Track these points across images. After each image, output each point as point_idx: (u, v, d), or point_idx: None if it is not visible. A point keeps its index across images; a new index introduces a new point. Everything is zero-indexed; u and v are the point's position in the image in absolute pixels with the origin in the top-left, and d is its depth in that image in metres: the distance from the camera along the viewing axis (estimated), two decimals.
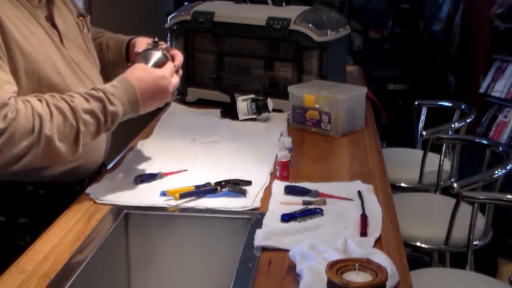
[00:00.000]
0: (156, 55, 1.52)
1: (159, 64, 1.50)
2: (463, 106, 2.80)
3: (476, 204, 1.95)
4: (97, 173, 1.61)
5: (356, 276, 0.97)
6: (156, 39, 1.58)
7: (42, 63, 1.35)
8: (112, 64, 1.76)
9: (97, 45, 1.74)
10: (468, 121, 2.61)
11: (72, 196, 1.47)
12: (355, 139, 1.98)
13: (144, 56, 1.52)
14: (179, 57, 1.58)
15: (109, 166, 1.68)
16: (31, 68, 1.33)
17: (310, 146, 1.92)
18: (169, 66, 1.51)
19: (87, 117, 1.32)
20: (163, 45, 1.58)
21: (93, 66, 1.57)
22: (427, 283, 1.78)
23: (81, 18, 1.59)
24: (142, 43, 1.67)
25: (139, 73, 1.44)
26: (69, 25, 1.52)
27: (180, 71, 1.60)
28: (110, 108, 1.35)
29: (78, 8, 1.66)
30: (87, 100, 1.33)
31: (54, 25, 1.45)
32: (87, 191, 1.50)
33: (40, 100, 1.28)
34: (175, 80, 1.52)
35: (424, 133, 2.50)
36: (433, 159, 2.53)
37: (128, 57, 1.73)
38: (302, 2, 3.92)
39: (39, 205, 1.45)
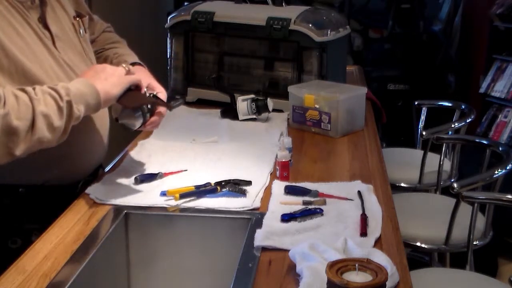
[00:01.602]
0: (133, 121, 1.47)
1: (128, 126, 1.48)
2: (463, 106, 2.80)
3: (476, 204, 1.95)
4: (93, 175, 1.60)
5: (356, 276, 0.97)
6: (156, 94, 1.52)
7: (29, 66, 1.33)
8: None
9: (103, 59, 1.71)
10: (468, 121, 2.61)
11: (65, 199, 1.46)
12: (355, 139, 1.98)
13: (127, 112, 1.47)
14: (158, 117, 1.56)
15: (109, 166, 1.68)
16: (15, 70, 1.30)
17: (310, 146, 1.92)
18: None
19: (39, 94, 1.26)
20: (158, 103, 1.53)
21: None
22: (427, 283, 1.78)
23: (78, 19, 1.56)
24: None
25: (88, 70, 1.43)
26: (64, 26, 1.49)
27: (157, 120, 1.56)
28: (56, 86, 1.30)
29: (82, 7, 1.63)
30: (33, 88, 1.28)
31: (46, 27, 1.43)
32: (87, 191, 1.50)
33: None
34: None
35: (424, 133, 2.50)
36: (433, 159, 2.53)
37: None
38: (302, 2, 3.92)
39: (31, 208, 1.44)
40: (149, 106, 1.49)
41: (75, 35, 1.54)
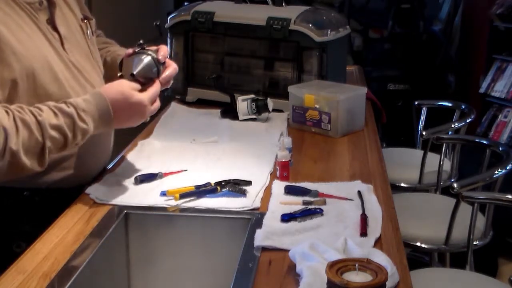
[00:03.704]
0: (144, 61, 1.43)
1: (146, 72, 1.43)
2: (463, 106, 2.80)
3: (476, 204, 1.95)
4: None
5: (356, 276, 0.98)
6: (141, 41, 1.48)
7: (38, 68, 1.33)
8: (110, 79, 1.71)
9: None
10: (468, 121, 2.61)
11: (70, 202, 1.45)
12: (355, 139, 1.98)
13: (131, 62, 1.43)
14: (172, 67, 1.51)
15: (109, 166, 1.68)
16: (26, 73, 1.30)
17: (310, 146, 1.92)
18: (152, 91, 1.42)
19: (53, 133, 1.27)
20: (152, 47, 1.49)
21: (96, 71, 1.54)
22: (427, 283, 1.78)
23: (85, 21, 1.56)
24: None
25: (116, 94, 1.37)
26: (71, 28, 1.49)
27: (174, 66, 1.52)
28: (80, 125, 1.30)
29: (86, 10, 1.63)
30: (55, 114, 1.28)
31: (55, 29, 1.43)
32: (87, 191, 1.50)
33: (7, 113, 1.23)
34: (154, 106, 1.44)
35: (424, 133, 2.50)
36: (433, 159, 2.53)
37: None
38: (302, 2, 3.93)
39: (36, 211, 1.44)
40: (154, 59, 1.46)
41: (82, 37, 1.54)
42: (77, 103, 1.32)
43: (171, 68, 1.52)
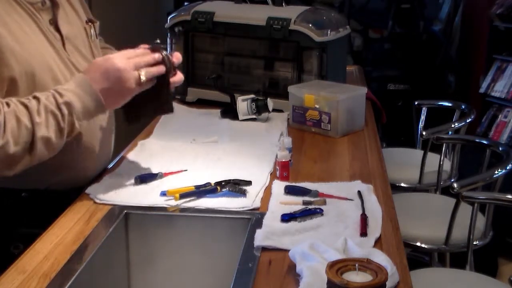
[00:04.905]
0: (164, 51, 1.45)
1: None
2: (463, 106, 2.80)
3: (476, 204, 1.95)
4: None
5: (356, 276, 0.97)
6: (159, 41, 1.48)
7: (38, 68, 1.33)
8: None
9: None
10: (468, 121, 2.61)
11: (69, 204, 1.45)
12: (355, 139, 1.98)
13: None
14: (179, 75, 1.51)
15: (109, 166, 1.68)
16: (25, 73, 1.30)
17: (310, 146, 1.92)
18: (133, 61, 1.36)
19: (42, 115, 1.26)
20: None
21: None
22: (427, 283, 1.78)
23: (89, 23, 1.57)
24: None
25: (91, 67, 1.36)
26: (75, 30, 1.49)
27: (181, 76, 1.51)
28: (60, 100, 1.28)
29: (89, 13, 1.63)
30: (37, 99, 1.27)
31: (57, 29, 1.43)
32: (87, 191, 1.50)
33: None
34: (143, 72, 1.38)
35: (424, 133, 2.50)
36: (433, 159, 2.53)
37: None
38: (302, 2, 3.92)
39: (34, 213, 1.43)
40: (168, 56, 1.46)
41: (86, 39, 1.54)
42: (57, 87, 1.32)
43: (179, 75, 1.50)
